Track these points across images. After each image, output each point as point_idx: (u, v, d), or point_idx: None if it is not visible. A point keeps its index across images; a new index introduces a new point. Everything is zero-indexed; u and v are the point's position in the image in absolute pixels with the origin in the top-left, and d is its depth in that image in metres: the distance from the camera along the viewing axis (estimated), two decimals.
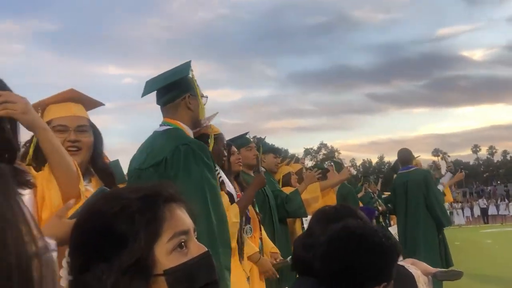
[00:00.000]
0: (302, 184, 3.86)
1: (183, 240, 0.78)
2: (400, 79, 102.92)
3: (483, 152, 76.84)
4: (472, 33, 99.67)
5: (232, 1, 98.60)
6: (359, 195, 7.69)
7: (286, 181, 4.09)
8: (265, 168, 3.70)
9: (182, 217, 0.79)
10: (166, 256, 0.76)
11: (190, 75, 1.98)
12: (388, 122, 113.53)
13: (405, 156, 5.56)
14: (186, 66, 1.98)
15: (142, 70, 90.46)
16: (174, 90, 1.96)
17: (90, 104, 1.75)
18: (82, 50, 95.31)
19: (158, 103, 2.04)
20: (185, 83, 1.98)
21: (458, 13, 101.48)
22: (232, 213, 2.37)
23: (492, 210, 27.77)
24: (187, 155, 1.80)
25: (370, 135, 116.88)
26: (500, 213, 27.28)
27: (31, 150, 1.50)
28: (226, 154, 2.58)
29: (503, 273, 7.25)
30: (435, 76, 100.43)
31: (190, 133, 2.00)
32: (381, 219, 8.98)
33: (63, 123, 1.61)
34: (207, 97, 2.04)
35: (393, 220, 8.35)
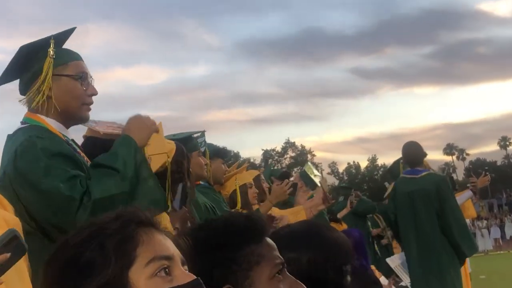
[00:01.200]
0: (265, 203, 4.04)
1: (165, 266, 0.99)
2: (396, 46, 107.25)
3: None
4: None
5: None
6: (342, 213, 8.35)
7: (244, 197, 4.29)
8: (208, 182, 3.90)
9: (164, 243, 1.02)
10: (145, 281, 0.97)
11: (51, 52, 2.21)
12: (381, 108, 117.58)
13: (414, 154, 5.64)
14: (45, 41, 2.22)
15: (20, 40, 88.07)
16: (29, 73, 2.21)
17: None
18: None
19: (20, 92, 2.27)
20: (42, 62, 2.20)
21: None
22: None
23: None
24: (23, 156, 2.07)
25: (356, 128, 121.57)
26: None
27: None
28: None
29: None
30: (444, 41, 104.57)
31: (64, 131, 2.24)
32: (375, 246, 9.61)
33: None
34: (92, 78, 2.29)
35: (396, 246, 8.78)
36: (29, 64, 2.22)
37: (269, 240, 1.41)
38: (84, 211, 1.99)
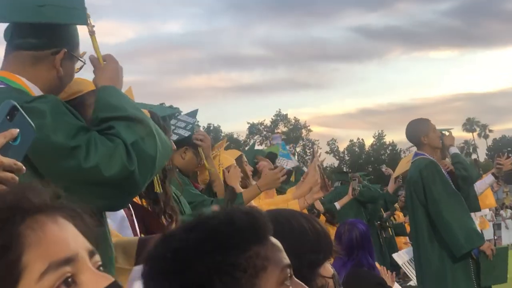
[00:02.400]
0: (252, 188, 4.27)
1: (68, 274, 0.86)
2: (409, 1, 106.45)
3: None
4: None
5: None
6: (343, 201, 8.64)
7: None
8: (179, 168, 4.03)
9: (61, 236, 0.89)
10: None
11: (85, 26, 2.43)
12: (390, 74, 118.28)
13: (411, 134, 5.97)
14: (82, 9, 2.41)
15: None
16: (45, 35, 2.34)
17: None
18: None
19: (6, 38, 2.37)
20: (66, 32, 2.40)
21: None
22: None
23: None
24: None
25: (360, 98, 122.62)
26: None
27: None
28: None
29: None
30: None
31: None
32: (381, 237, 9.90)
33: None
34: (84, 63, 2.45)
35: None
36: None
37: (273, 239, 1.41)
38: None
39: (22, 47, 2.36)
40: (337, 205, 8.62)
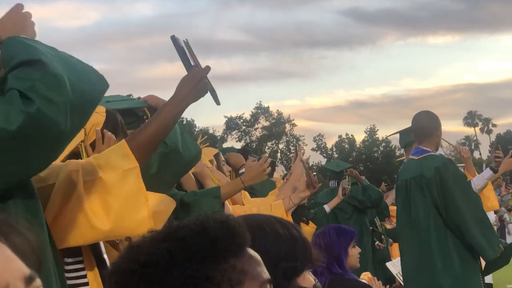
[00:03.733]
0: (235, 182, 4.45)
1: None
2: None
3: None
4: None
5: None
6: (333, 202, 8.67)
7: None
8: None
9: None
10: None
11: None
12: (383, 62, 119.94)
13: (424, 127, 6.02)
14: None
15: None
16: None
17: None
18: None
19: None
20: None
21: None
22: (113, 150, 2.90)
23: None
24: None
25: (350, 89, 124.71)
26: None
27: None
28: None
29: None
30: None
31: None
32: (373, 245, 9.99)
33: None
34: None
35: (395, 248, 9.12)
36: None
37: (251, 251, 1.47)
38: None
39: None
40: (327, 207, 8.60)
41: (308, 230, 6.17)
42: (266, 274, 1.45)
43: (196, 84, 3.07)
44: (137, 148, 2.85)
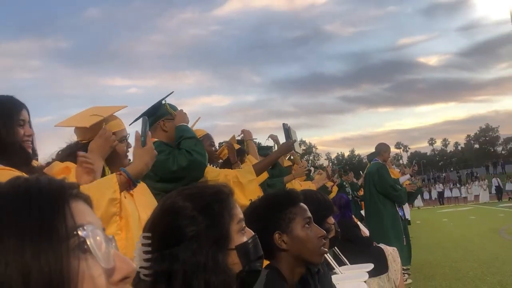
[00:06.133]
0: (289, 176, 7.28)
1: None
2: (368, 83, 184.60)
3: (438, 144, 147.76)
4: (428, 42, 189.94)
5: (223, 19, 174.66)
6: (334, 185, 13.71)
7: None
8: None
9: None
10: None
11: (164, 103, 4.50)
12: (358, 120, 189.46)
13: (376, 149, 11.14)
14: (159, 103, 4.52)
15: (145, 80, 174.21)
16: (151, 117, 4.42)
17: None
18: (92, 64, 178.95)
19: None
20: (158, 111, 4.48)
21: (415, 25, 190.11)
22: (246, 170, 5.05)
23: (447, 193, 54.89)
24: None
25: (343, 131, 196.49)
26: (453, 195, 54.00)
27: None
28: (214, 150, 5.39)
29: (458, 245, 15.14)
30: (397, 80, 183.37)
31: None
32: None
33: (124, 134, 3.46)
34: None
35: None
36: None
37: (302, 204, 2.74)
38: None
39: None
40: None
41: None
42: (308, 214, 2.72)
43: (286, 148, 5.63)
44: (256, 170, 5.09)
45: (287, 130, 5.76)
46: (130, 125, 4.07)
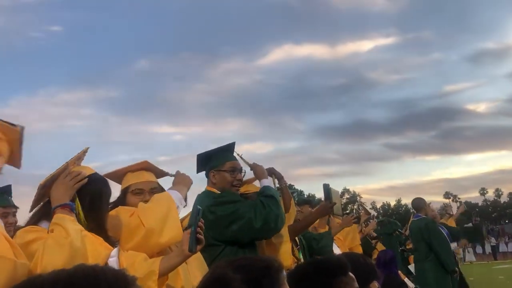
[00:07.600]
0: (337, 226, 8.13)
1: None
2: (413, 130, 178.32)
3: (490, 194, 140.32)
4: (475, 89, 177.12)
5: (265, 69, 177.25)
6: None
7: None
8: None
9: None
10: None
11: (240, 155, 4.97)
12: (403, 168, 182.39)
13: (416, 204, 11.11)
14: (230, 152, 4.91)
15: (190, 128, 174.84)
16: (203, 167, 4.82)
17: (160, 173, 3.75)
18: (140, 112, 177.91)
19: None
20: (208, 161, 4.73)
21: (462, 71, 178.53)
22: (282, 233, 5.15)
23: (502, 248, 51.14)
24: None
25: (388, 180, 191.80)
26: (509, 250, 50.26)
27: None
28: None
29: None
30: (444, 128, 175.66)
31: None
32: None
33: (140, 187, 3.55)
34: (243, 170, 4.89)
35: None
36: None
37: (350, 274, 2.83)
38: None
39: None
40: None
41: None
42: (356, 284, 2.87)
43: (324, 210, 5.90)
44: (291, 232, 5.48)
45: (328, 191, 5.65)
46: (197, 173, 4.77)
